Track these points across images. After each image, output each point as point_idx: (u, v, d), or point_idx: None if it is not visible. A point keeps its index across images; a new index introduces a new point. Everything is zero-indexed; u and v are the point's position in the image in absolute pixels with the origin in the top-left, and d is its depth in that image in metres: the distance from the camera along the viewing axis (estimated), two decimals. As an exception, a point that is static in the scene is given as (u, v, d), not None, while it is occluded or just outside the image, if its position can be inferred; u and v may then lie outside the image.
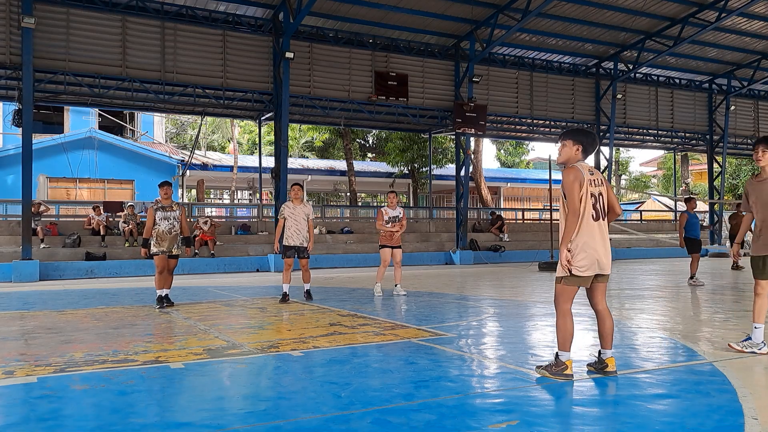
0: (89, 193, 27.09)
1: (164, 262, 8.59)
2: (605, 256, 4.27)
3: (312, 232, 9.42)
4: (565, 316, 4.28)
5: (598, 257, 4.21)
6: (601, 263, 4.24)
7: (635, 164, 52.09)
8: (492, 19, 19.10)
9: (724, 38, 22.40)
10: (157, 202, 8.93)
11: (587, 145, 4.33)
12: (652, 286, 11.95)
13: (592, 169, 4.36)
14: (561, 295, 4.30)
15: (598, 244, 4.22)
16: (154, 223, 8.62)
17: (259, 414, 3.60)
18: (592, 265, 4.21)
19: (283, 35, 17.57)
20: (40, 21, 15.47)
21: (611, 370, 4.35)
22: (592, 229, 4.22)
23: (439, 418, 3.42)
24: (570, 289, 4.27)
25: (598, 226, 4.26)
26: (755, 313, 5.24)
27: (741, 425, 3.30)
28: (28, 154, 15.03)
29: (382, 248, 10.26)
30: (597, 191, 4.28)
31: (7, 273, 14.76)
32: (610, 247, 4.39)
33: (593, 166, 4.46)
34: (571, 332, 4.28)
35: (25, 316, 8.00)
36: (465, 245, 21.24)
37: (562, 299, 4.29)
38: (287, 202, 9.55)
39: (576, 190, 4.19)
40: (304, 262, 9.36)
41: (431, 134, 24.20)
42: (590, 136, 4.39)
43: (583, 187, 4.20)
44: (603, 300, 4.39)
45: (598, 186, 4.31)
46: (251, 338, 6.14)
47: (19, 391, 4.16)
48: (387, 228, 10.17)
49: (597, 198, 4.27)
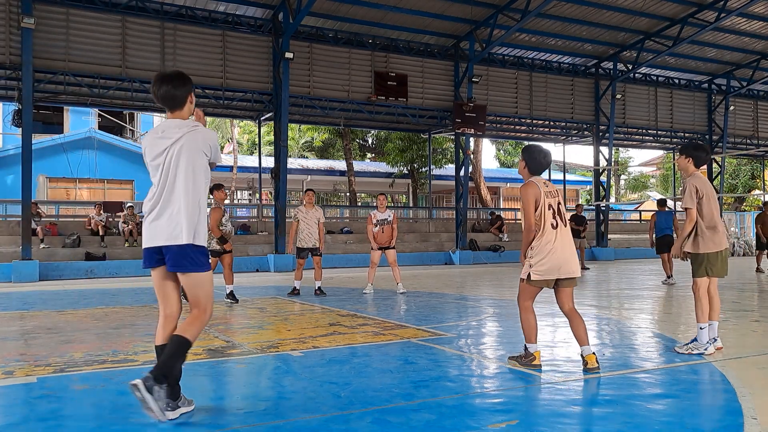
0: (89, 193, 27.09)
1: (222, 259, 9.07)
2: (566, 261, 4.54)
3: (322, 234, 10.16)
4: (527, 312, 4.66)
5: (557, 263, 4.50)
6: (562, 268, 4.52)
7: (634, 164, 52.04)
8: (491, 20, 19.11)
9: (724, 38, 22.41)
10: (218, 204, 9.10)
11: (532, 163, 4.71)
12: (652, 286, 11.96)
13: (546, 182, 4.72)
14: (523, 293, 4.68)
15: (557, 250, 4.51)
16: (221, 224, 8.93)
17: (259, 414, 3.60)
18: (551, 270, 4.51)
19: (282, 35, 17.58)
20: (40, 21, 15.47)
21: (592, 367, 4.44)
22: (552, 236, 4.54)
23: (438, 418, 3.43)
24: (531, 288, 4.64)
25: (558, 233, 4.55)
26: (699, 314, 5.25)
27: (740, 425, 3.31)
28: (28, 154, 15.03)
29: (373, 250, 10.51)
30: (555, 201, 4.62)
31: (6, 273, 14.76)
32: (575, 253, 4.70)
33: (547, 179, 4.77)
34: (533, 326, 4.63)
35: (25, 316, 8.00)
36: (464, 245, 21.24)
37: (523, 297, 4.68)
38: (300, 206, 10.26)
39: (531, 204, 4.57)
40: (318, 260, 10.18)
41: (431, 134, 24.21)
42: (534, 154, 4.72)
43: (540, 200, 4.55)
44: (568, 302, 4.63)
45: (555, 197, 4.65)
46: (251, 338, 6.15)
47: (19, 391, 4.17)
48: (376, 233, 10.40)
49: (555, 208, 4.60)
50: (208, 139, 3.52)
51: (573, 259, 4.59)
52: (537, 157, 4.71)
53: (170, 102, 3.51)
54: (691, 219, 5.27)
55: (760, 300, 9.45)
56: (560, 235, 4.56)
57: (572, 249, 4.63)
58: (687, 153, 5.39)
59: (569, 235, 4.65)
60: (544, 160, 4.73)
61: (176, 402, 3.39)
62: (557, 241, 4.53)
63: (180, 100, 3.51)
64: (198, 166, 3.46)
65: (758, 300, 9.45)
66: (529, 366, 4.58)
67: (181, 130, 3.45)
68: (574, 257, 4.62)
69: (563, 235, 4.58)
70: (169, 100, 3.50)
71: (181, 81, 3.52)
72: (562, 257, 4.52)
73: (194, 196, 3.44)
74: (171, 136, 3.45)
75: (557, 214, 4.59)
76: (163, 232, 3.41)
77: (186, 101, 3.52)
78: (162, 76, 3.52)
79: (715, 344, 5.19)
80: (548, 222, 4.54)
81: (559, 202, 4.65)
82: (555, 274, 4.52)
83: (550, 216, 4.55)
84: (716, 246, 5.22)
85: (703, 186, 5.29)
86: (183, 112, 3.55)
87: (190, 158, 3.43)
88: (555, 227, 4.55)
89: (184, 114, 3.55)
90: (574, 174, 45.12)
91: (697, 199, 5.24)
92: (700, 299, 5.26)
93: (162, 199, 3.42)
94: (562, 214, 4.63)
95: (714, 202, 5.27)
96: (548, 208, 4.56)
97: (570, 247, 4.61)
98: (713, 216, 5.24)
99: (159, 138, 3.47)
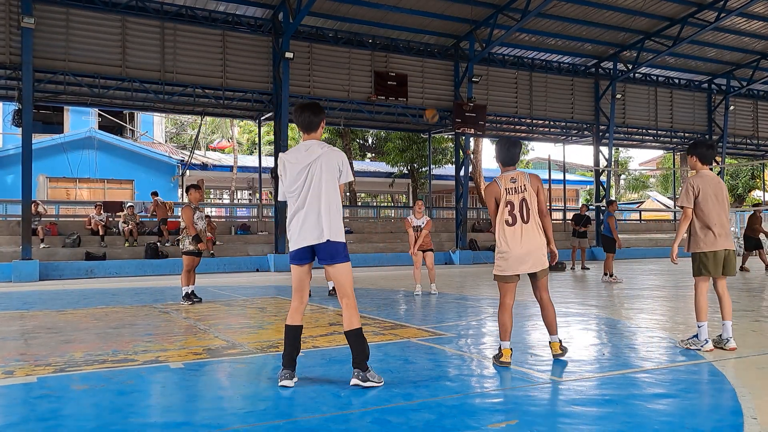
0: (89, 193, 27.09)
1: (194, 261, 9.11)
2: (528, 257, 4.63)
3: None
4: (502, 309, 4.78)
5: (513, 259, 4.63)
6: (520, 264, 4.63)
7: (634, 164, 52.02)
8: (491, 19, 19.11)
9: (724, 38, 22.42)
10: (190, 203, 9.16)
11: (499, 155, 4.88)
12: (652, 286, 11.96)
13: (515, 176, 4.74)
14: (499, 290, 4.83)
15: (512, 246, 4.62)
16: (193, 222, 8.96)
17: (258, 414, 3.60)
18: (508, 266, 4.65)
19: (282, 35, 17.58)
20: (40, 21, 15.48)
21: (556, 353, 4.84)
22: (506, 233, 4.65)
23: (438, 418, 3.43)
24: (500, 285, 4.78)
25: (516, 230, 4.63)
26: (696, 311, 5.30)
27: (740, 425, 3.31)
28: (28, 154, 15.04)
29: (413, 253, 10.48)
30: (518, 197, 4.67)
31: (7, 273, 14.77)
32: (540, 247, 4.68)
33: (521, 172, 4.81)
34: (505, 324, 4.73)
35: (25, 316, 8.00)
36: (464, 245, 21.25)
37: (500, 294, 4.82)
38: None
39: (491, 203, 4.75)
40: None
41: (431, 134, 24.21)
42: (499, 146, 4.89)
43: (500, 198, 4.69)
44: (541, 293, 4.82)
45: (519, 192, 4.68)
46: (251, 338, 6.14)
47: (19, 391, 4.17)
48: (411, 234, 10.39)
49: (517, 204, 4.66)
50: (341, 158, 4.23)
51: (532, 253, 4.62)
52: (502, 149, 4.84)
53: (308, 126, 4.27)
54: (686, 217, 5.26)
55: (759, 300, 9.44)
56: (517, 232, 4.62)
57: (533, 244, 4.63)
58: (691, 151, 5.42)
59: (531, 231, 4.63)
60: (509, 152, 4.81)
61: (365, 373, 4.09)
62: (513, 237, 4.61)
63: (316, 125, 4.29)
64: (335, 178, 4.20)
65: (758, 300, 9.45)
66: (498, 362, 4.70)
67: (323, 149, 4.20)
68: (537, 250, 4.64)
69: (521, 231, 4.62)
70: (308, 124, 4.27)
71: (319, 109, 4.32)
72: (517, 254, 4.61)
73: (335, 200, 4.19)
74: (315, 152, 4.18)
75: (518, 210, 4.63)
76: (312, 232, 4.12)
77: (320, 126, 4.31)
78: (303, 105, 4.30)
79: (728, 344, 5.19)
80: (503, 219, 4.65)
81: (524, 199, 4.65)
82: (512, 269, 4.64)
83: (506, 213, 4.64)
84: (707, 246, 5.20)
85: (705, 184, 5.26)
86: (317, 134, 4.30)
87: (329, 171, 4.16)
88: (511, 224, 4.63)
89: (318, 135, 4.31)
90: (574, 174, 45.13)
91: (693, 197, 5.23)
92: (696, 297, 5.27)
93: (307, 203, 4.14)
94: (525, 209, 4.64)
95: (714, 202, 5.22)
96: (506, 204, 4.65)
97: (531, 243, 4.62)
98: (709, 216, 5.21)
99: (305, 154, 4.19)
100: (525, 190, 4.68)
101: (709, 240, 5.19)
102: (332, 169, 4.18)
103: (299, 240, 4.15)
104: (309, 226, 4.13)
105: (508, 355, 4.70)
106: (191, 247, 9.00)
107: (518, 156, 4.90)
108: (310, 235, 4.13)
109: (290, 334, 4.22)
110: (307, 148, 4.22)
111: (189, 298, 9.12)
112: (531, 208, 4.66)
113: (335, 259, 4.18)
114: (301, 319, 4.27)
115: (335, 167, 4.19)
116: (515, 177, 4.72)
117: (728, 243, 5.26)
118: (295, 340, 4.22)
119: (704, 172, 5.37)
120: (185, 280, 9.12)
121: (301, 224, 4.15)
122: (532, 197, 4.68)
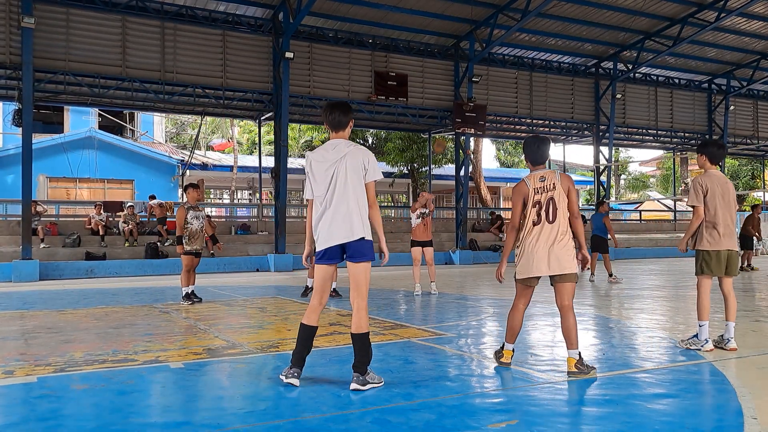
0: (89, 193, 27.08)
1: (192, 261, 9.06)
2: (547, 258, 4.44)
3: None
4: (513, 311, 4.68)
5: (537, 260, 4.45)
6: (543, 266, 4.44)
7: (634, 164, 51.99)
8: (491, 19, 19.11)
9: (724, 38, 22.41)
10: (186, 203, 9.14)
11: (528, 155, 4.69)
12: (652, 286, 11.96)
13: (545, 175, 4.57)
14: (515, 291, 4.71)
15: (537, 247, 4.46)
16: (186, 222, 8.92)
17: (259, 414, 3.60)
18: (530, 267, 4.48)
19: (282, 35, 17.58)
20: (40, 21, 15.47)
21: (570, 370, 4.37)
22: (532, 233, 4.51)
23: (438, 418, 3.43)
24: (518, 286, 4.64)
25: (541, 230, 4.47)
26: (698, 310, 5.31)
27: (740, 425, 3.31)
28: (28, 154, 15.03)
29: (413, 246, 10.36)
30: (545, 197, 4.51)
31: (7, 273, 14.76)
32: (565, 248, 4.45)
33: (552, 171, 4.65)
34: (514, 326, 4.66)
35: (25, 316, 8.00)
36: (465, 245, 21.24)
37: (515, 295, 4.71)
38: None
39: (518, 204, 4.60)
40: None
41: (431, 134, 24.20)
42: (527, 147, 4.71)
43: (528, 198, 4.54)
44: (562, 299, 4.50)
45: (547, 192, 4.51)
46: (251, 338, 6.15)
47: (19, 391, 4.17)
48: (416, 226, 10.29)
49: (544, 204, 4.50)
50: (367, 156, 4.27)
51: (554, 255, 4.41)
52: (532, 148, 4.68)
53: (337, 125, 4.33)
54: (697, 216, 5.26)
55: (759, 300, 9.45)
56: (540, 232, 4.46)
57: (557, 244, 4.43)
58: (702, 150, 5.43)
59: (555, 231, 4.44)
60: (539, 150, 4.64)
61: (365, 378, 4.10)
62: (536, 238, 4.46)
63: (345, 124, 4.35)
64: (360, 176, 4.21)
65: (758, 300, 9.45)
66: (497, 362, 4.70)
67: (349, 148, 4.24)
68: (561, 252, 4.41)
69: (544, 231, 4.45)
70: (337, 123, 4.32)
71: (348, 109, 4.39)
72: (538, 255, 4.43)
73: (361, 198, 4.18)
74: (342, 151, 4.22)
75: (545, 210, 4.47)
76: (342, 231, 4.13)
77: (348, 125, 4.35)
78: (333, 104, 4.36)
79: (729, 344, 5.19)
80: (530, 219, 4.51)
81: (551, 198, 4.47)
82: (536, 271, 4.45)
83: (534, 213, 4.50)
84: (711, 245, 5.21)
85: (713, 183, 5.26)
86: (345, 133, 4.34)
87: (354, 169, 4.19)
88: (537, 224, 4.48)
89: (346, 135, 4.35)
90: (575, 174, 45.13)
91: (702, 195, 5.24)
92: (699, 296, 5.28)
93: (335, 202, 4.16)
94: (552, 208, 4.46)
95: (721, 201, 5.23)
96: (534, 205, 4.50)
97: (552, 243, 4.43)
98: (715, 214, 5.21)
99: (332, 152, 4.23)
100: (554, 188, 4.51)
101: (714, 239, 5.20)
102: (357, 167, 4.19)
103: (329, 239, 4.15)
104: (338, 224, 4.13)
105: (508, 356, 4.68)
106: (189, 247, 8.99)
107: (548, 154, 4.73)
108: (340, 233, 4.13)
109: (305, 333, 4.20)
110: (334, 147, 4.26)
111: (189, 299, 9.11)
112: (559, 208, 4.48)
113: (363, 257, 4.18)
114: (317, 320, 4.25)
115: (360, 165, 4.20)
116: (545, 176, 4.56)
117: (732, 243, 5.27)
118: (308, 340, 4.21)
119: (712, 171, 5.38)
120: (185, 280, 9.11)
121: (330, 222, 4.14)
122: (561, 197, 4.49)
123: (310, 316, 4.22)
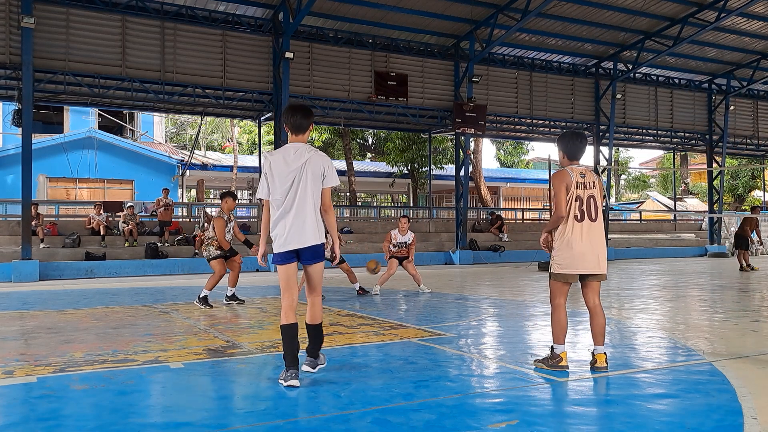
0: (89, 193, 27.07)
1: (224, 265, 9.04)
2: (591, 256, 4.44)
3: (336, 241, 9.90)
4: (557, 310, 4.53)
5: (577, 257, 4.42)
6: (583, 263, 4.44)
7: (634, 164, 52.02)
8: (492, 19, 19.11)
9: (724, 38, 22.41)
10: (223, 213, 9.02)
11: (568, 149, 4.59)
12: (652, 286, 11.96)
13: (583, 171, 4.52)
14: (552, 290, 4.59)
15: (578, 244, 4.42)
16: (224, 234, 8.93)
17: (259, 414, 3.60)
18: (571, 264, 4.44)
19: (282, 35, 17.58)
20: (40, 21, 15.47)
21: (600, 366, 4.47)
22: (574, 229, 4.44)
23: (438, 418, 3.43)
24: (558, 285, 4.53)
25: (582, 227, 4.44)
26: None
27: (740, 425, 3.30)
28: (28, 154, 15.03)
29: (391, 258, 10.48)
30: (586, 194, 4.46)
31: (6, 273, 14.76)
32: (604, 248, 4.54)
33: (588, 168, 4.61)
34: (562, 326, 4.49)
35: (25, 316, 8.00)
36: (465, 245, 21.24)
37: (553, 295, 4.57)
38: None
39: (562, 190, 4.45)
40: (345, 266, 10.11)
41: (431, 134, 24.20)
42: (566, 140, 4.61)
43: (570, 190, 4.44)
44: (594, 298, 4.56)
45: (589, 189, 4.48)
46: (251, 338, 6.14)
47: (19, 391, 4.16)
48: (393, 252, 10.45)
49: (585, 200, 4.45)
50: (326, 163, 4.33)
51: (596, 254, 4.45)
52: (570, 142, 4.58)
53: (299, 128, 4.37)
54: None
55: (759, 300, 9.44)
56: (584, 229, 4.43)
57: (598, 244, 4.47)
58: None
59: (597, 230, 4.47)
60: (578, 145, 4.58)
61: (316, 361, 4.50)
62: (580, 234, 4.42)
63: (306, 127, 4.39)
64: (319, 182, 4.29)
65: (758, 300, 9.45)
66: (556, 367, 4.45)
67: (310, 153, 4.29)
68: (602, 251, 4.48)
69: (588, 229, 4.43)
70: (298, 126, 4.36)
71: (309, 112, 4.42)
72: (582, 251, 4.41)
73: (318, 204, 4.28)
74: (304, 156, 4.27)
75: (586, 207, 4.43)
76: (299, 236, 4.23)
77: (309, 128, 4.41)
78: (294, 107, 4.40)
79: None
80: (572, 214, 4.43)
81: (592, 196, 4.47)
82: (576, 268, 4.44)
83: (576, 208, 4.43)
84: None
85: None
86: (305, 137, 4.39)
87: (314, 175, 4.26)
88: (579, 220, 4.43)
89: (305, 138, 4.39)
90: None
91: None
92: None
93: (294, 207, 4.23)
94: (593, 208, 4.46)
95: None
96: (575, 199, 4.43)
97: (596, 242, 4.46)
98: None
99: (293, 156, 4.27)
100: (593, 186, 4.49)
101: None
102: (317, 173, 4.27)
103: (285, 244, 4.26)
104: (296, 230, 4.23)
105: (566, 359, 4.49)
106: (217, 252, 8.91)
107: (584, 150, 4.66)
108: (295, 239, 4.24)
109: (288, 333, 4.25)
110: (296, 151, 4.30)
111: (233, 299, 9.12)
112: (599, 207, 4.49)
113: (316, 259, 4.35)
114: (295, 317, 4.29)
115: (320, 172, 4.28)
116: (584, 172, 4.51)
117: None
118: (293, 339, 4.25)
119: None
120: (211, 284, 8.96)
121: (289, 228, 4.24)
122: (600, 196, 4.51)
123: (288, 314, 4.27)
